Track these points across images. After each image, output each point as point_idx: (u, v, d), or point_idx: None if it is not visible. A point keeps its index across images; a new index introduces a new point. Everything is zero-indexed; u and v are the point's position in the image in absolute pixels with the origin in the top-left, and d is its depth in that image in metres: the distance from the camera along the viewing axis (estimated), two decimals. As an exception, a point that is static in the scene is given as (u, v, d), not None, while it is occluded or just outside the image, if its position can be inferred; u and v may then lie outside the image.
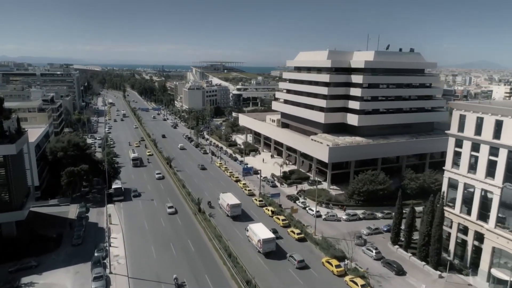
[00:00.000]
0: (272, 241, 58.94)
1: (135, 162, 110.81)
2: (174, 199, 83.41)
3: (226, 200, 74.91)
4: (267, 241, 58.11)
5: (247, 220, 72.19)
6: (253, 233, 61.30)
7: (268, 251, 58.46)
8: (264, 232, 60.09)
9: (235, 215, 73.03)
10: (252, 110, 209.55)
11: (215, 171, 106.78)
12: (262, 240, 57.96)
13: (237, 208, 73.24)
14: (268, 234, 59.74)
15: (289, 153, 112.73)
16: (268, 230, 61.31)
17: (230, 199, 75.25)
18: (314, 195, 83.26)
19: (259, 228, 61.57)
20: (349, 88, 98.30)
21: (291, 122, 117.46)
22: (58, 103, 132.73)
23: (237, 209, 73.21)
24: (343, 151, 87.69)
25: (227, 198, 75.49)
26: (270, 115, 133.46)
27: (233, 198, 75.77)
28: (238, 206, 73.59)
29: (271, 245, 58.73)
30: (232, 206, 72.86)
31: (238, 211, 73.34)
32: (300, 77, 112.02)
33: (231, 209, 72.83)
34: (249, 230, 62.88)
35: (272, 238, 59.01)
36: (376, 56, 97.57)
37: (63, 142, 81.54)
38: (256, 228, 61.58)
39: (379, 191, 78.53)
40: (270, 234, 60.01)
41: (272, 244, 58.81)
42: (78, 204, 76.92)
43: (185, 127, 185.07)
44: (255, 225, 63.58)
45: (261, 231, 60.54)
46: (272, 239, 58.86)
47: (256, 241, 59.94)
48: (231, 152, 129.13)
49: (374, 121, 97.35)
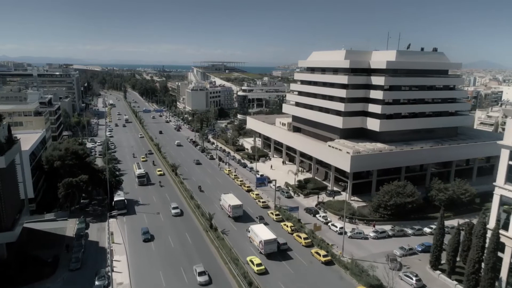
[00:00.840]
0: (274, 242, 58.60)
1: (141, 179, 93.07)
2: (183, 212, 76.31)
3: (227, 201, 74.02)
4: (268, 242, 57.91)
5: (250, 221, 71.61)
6: (254, 234, 60.97)
7: (269, 252, 58.10)
8: (266, 233, 59.72)
9: (236, 215, 72.37)
10: (257, 112, 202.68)
11: (224, 179, 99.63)
12: (264, 241, 57.73)
13: (238, 209, 72.73)
14: (270, 235, 59.29)
15: (302, 159, 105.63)
16: (269, 231, 60.73)
17: (231, 199, 74.31)
18: (335, 207, 76.50)
19: (260, 229, 61.28)
20: (368, 91, 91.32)
21: (303, 126, 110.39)
22: (56, 105, 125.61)
23: (238, 210, 72.76)
24: (366, 159, 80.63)
25: (229, 199, 74.53)
26: (280, 118, 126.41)
27: (234, 199, 74.76)
28: (240, 207, 73.01)
29: (273, 246, 58.50)
30: (233, 207, 72.18)
31: (239, 212, 72.91)
32: (314, 78, 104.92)
33: (232, 210, 72.16)
34: (251, 231, 62.63)
35: (273, 239, 58.61)
36: (398, 56, 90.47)
37: (61, 150, 74.48)
38: (257, 229, 61.23)
39: (408, 204, 71.45)
40: (272, 235, 59.48)
41: (273, 245, 58.53)
42: (77, 219, 69.87)
43: (188, 130, 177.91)
44: (257, 226, 63.41)
45: (262, 232, 60.16)
46: (273, 240, 58.51)
47: (257, 242, 59.62)
48: (239, 157, 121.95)
49: (396, 126, 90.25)
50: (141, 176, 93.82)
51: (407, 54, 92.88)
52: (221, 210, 76.72)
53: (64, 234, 64.04)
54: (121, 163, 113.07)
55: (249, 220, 72.58)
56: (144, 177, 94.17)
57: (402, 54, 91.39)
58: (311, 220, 72.74)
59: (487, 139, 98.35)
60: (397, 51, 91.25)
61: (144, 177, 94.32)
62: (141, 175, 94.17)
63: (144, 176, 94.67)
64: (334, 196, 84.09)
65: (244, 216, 73.56)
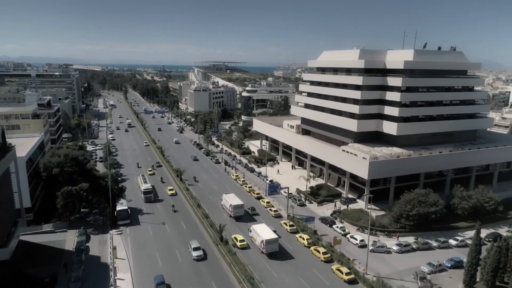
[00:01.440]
0: (275, 242, 58.77)
1: (148, 196, 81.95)
2: (191, 225, 71.62)
3: (229, 200, 74.47)
4: (270, 242, 58.12)
5: (251, 221, 72.00)
6: (256, 234, 61.03)
7: (271, 251, 58.35)
8: (267, 233, 59.99)
9: (238, 215, 73.02)
10: (261, 113, 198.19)
11: (231, 184, 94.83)
12: (265, 241, 57.97)
13: (240, 209, 73.30)
14: (271, 235, 59.56)
15: (313, 164, 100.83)
16: (271, 231, 61.06)
17: (233, 199, 74.72)
18: (352, 217, 71.75)
19: (262, 229, 61.52)
20: (384, 92, 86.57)
21: (313, 129, 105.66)
22: (55, 107, 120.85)
23: (240, 210, 73.31)
24: (385, 166, 75.91)
25: (230, 199, 74.97)
26: (287, 120, 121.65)
27: (236, 199, 75.32)
28: (241, 206, 73.60)
29: (274, 245, 58.60)
30: (235, 207, 72.72)
31: (241, 212, 73.49)
32: (325, 79, 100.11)
33: (234, 209, 72.72)
34: (252, 230, 62.72)
35: (275, 238, 58.83)
36: (415, 55, 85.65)
37: (59, 156, 69.66)
38: (259, 229, 61.43)
39: (431, 214, 66.68)
40: (273, 234, 59.75)
41: (275, 244, 58.69)
42: (76, 231, 65.03)
43: (192, 132, 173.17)
44: (258, 225, 63.54)
45: (264, 231, 60.45)
46: (275, 240, 58.71)
47: (259, 242, 59.78)
48: (245, 161, 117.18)
49: (414, 130, 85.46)
50: (148, 192, 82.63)
51: (425, 54, 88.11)
52: (222, 209, 77.34)
53: (63, 248, 59.20)
54: (123, 167, 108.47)
55: (250, 220, 72.61)
56: (150, 192, 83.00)
57: (419, 54, 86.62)
58: (327, 231, 68.00)
59: (508, 142, 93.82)
60: (414, 50, 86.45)
61: (151, 192, 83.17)
62: (147, 190, 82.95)
63: (151, 191, 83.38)
64: (348, 204, 79.27)
65: (245, 216, 73.87)
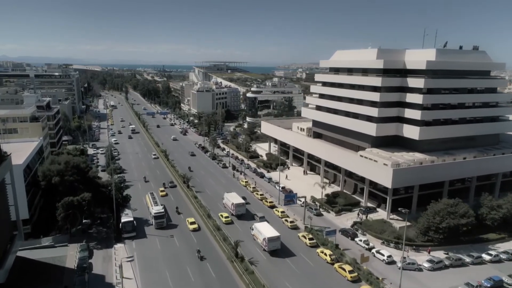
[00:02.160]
0: (277, 240, 59.46)
1: (159, 221, 67.99)
2: (202, 238, 66.57)
3: (230, 199, 75.62)
4: (272, 239, 58.86)
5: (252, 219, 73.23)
6: (258, 232, 62.18)
7: (273, 249, 59.09)
8: (269, 231, 60.79)
9: (239, 214, 73.80)
10: (266, 114, 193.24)
11: (241, 191, 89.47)
12: (267, 238, 58.73)
13: (241, 207, 74.21)
14: (273, 232, 60.30)
15: (327, 169, 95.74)
16: (273, 229, 61.76)
17: (234, 198, 76.07)
18: (375, 229, 66.69)
19: (264, 227, 62.57)
20: (404, 94, 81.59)
21: (325, 132, 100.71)
22: (55, 109, 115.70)
23: (241, 208, 74.17)
24: (410, 173, 70.89)
25: (232, 198, 76.16)
26: (297, 123, 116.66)
27: (237, 198, 76.65)
28: (243, 205, 74.61)
29: (276, 243, 59.40)
30: (236, 205, 73.78)
31: (242, 210, 74.21)
32: (339, 79, 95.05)
33: (235, 208, 73.71)
34: (254, 229, 63.90)
35: (277, 236, 59.39)
36: (438, 55, 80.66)
37: (60, 163, 64.53)
38: (261, 227, 62.46)
39: (462, 226, 61.64)
40: (275, 232, 60.42)
41: (277, 242, 59.37)
42: (78, 245, 59.99)
43: (195, 134, 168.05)
44: (260, 223, 64.77)
45: (266, 229, 61.45)
46: (277, 238, 59.30)
47: (261, 240, 60.77)
48: (254, 166, 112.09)
49: (436, 134, 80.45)
50: (159, 216, 68.34)
51: (447, 54, 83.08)
52: (224, 208, 78.23)
53: (64, 266, 54.13)
54: (126, 172, 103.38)
55: (251, 218, 73.32)
56: (163, 217, 68.86)
57: (442, 53, 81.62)
58: (349, 245, 62.97)
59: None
60: (436, 49, 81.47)
61: (163, 217, 69.06)
62: (159, 214, 68.52)
63: (163, 215, 69.30)
64: (367, 214, 74.18)
65: (246, 214, 74.57)
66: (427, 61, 77.80)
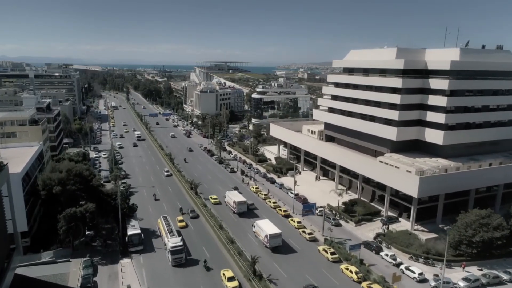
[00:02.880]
0: (279, 236, 60.23)
1: (177, 257, 54.90)
2: (215, 252, 61.89)
3: (232, 197, 76.86)
4: (273, 236, 59.61)
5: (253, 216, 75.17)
6: (260, 229, 62.67)
7: (275, 246, 59.81)
8: (271, 228, 61.37)
9: (241, 211, 74.70)
10: (271, 116, 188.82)
11: (252, 199, 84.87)
12: (269, 235, 59.46)
13: (243, 205, 75.09)
14: (275, 229, 60.93)
15: (342, 175, 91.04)
16: (274, 226, 62.21)
17: (236, 196, 77.30)
18: (401, 242, 62.01)
19: (265, 224, 62.97)
20: (425, 96, 77.00)
21: (338, 135, 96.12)
22: (55, 111, 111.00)
23: (243, 206, 75.03)
24: (437, 181, 66.21)
25: (233, 196, 77.57)
26: (307, 125, 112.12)
27: (239, 196, 77.89)
28: (244, 203, 75.52)
29: (278, 240, 60.08)
30: (238, 203, 74.68)
31: (244, 208, 75.07)
32: (354, 80, 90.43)
33: (237, 206, 74.64)
34: (256, 226, 64.39)
35: (278, 233, 60.19)
36: (462, 54, 75.85)
37: (61, 171, 59.88)
38: (262, 224, 62.95)
39: (497, 240, 56.99)
40: (277, 229, 61.03)
41: (278, 239, 60.11)
42: (82, 260, 55.40)
43: (200, 136, 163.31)
44: (262, 221, 65.06)
45: (267, 226, 61.88)
46: (278, 234, 60.09)
47: (263, 237, 61.35)
48: (263, 170, 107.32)
49: (461, 139, 75.84)
50: (177, 251, 54.75)
51: (472, 53, 78.23)
52: (226, 206, 79.17)
53: (67, 286, 49.43)
54: (130, 177, 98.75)
55: (252, 216, 74.07)
56: (181, 251, 55.29)
57: (466, 53, 76.84)
58: (373, 260, 58.29)
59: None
60: (460, 49, 76.65)
61: (182, 251, 55.42)
62: (176, 248, 54.75)
63: (182, 250, 55.47)
64: (388, 224, 69.45)
65: (247, 212, 75.65)
66: (451, 61, 73.04)
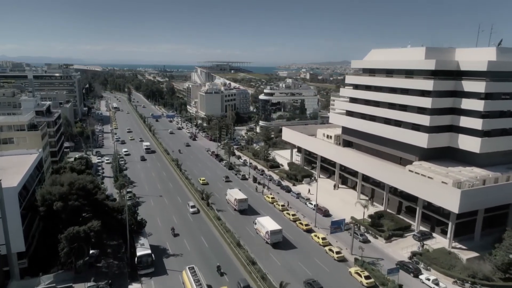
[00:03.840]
0: (279, 233, 61.54)
1: None
2: (232, 271, 55.60)
3: (233, 195, 77.88)
4: (274, 232, 61.00)
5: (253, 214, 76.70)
6: (261, 226, 64.28)
7: (275, 241, 61.15)
8: (271, 224, 62.93)
9: (242, 209, 75.83)
10: (279, 118, 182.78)
11: (268, 209, 78.73)
12: (270, 231, 60.80)
13: (244, 203, 76.35)
14: (275, 226, 62.40)
15: (364, 184, 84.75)
16: (274, 222, 63.83)
17: (237, 194, 78.18)
18: (442, 263, 55.44)
19: (266, 221, 64.68)
20: (458, 99, 70.76)
21: (358, 141, 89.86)
22: (55, 114, 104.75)
23: (244, 204, 76.33)
24: (481, 195, 59.89)
25: (234, 194, 78.38)
26: (322, 129, 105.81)
27: (239, 194, 78.64)
28: (245, 201, 76.67)
29: (278, 236, 61.46)
30: (239, 201, 75.77)
31: (245, 206, 76.37)
32: (377, 82, 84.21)
33: (238, 203, 75.67)
34: (257, 223, 65.89)
35: (279, 229, 61.55)
36: (499, 54, 69.69)
37: (62, 184, 53.49)
38: (263, 221, 64.74)
39: (551, 262, 50.79)
40: (277, 226, 62.53)
41: (279, 235, 61.50)
42: (85, 285, 49.12)
43: (206, 139, 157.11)
44: (263, 218, 66.80)
45: (268, 223, 63.54)
46: (279, 231, 61.46)
47: (264, 233, 62.75)
48: (277, 177, 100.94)
49: (500, 146, 69.51)
50: None
51: (508, 53, 72.04)
52: (227, 204, 79.99)
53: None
54: (136, 185, 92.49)
55: (253, 213, 75.08)
56: None
57: (503, 53, 70.48)
58: (412, 284, 51.91)
59: None
60: (497, 48, 70.45)
61: None
62: None
63: None
64: (423, 241, 63.07)
65: (248, 210, 76.51)
66: (488, 61, 66.75)
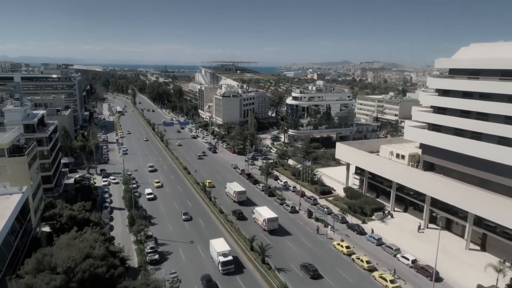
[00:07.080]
0: (276, 220, 66.11)
1: None
2: None
3: (232, 188, 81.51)
4: (271, 220, 65.73)
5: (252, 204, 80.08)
6: (258, 214, 68.42)
7: (272, 229, 65.63)
8: (268, 213, 67.34)
9: (241, 200, 79.63)
10: (308, 124, 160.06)
11: (339, 266, 56.55)
12: (267, 219, 65.53)
13: (242, 194, 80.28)
14: (272, 214, 66.87)
15: (458, 221, 62.70)
16: (271, 211, 68.14)
17: (236, 187, 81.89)
18: None
19: (263, 210, 68.53)
20: None
21: (446, 163, 68.20)
22: (51, 126, 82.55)
23: (242, 196, 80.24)
24: None
25: (234, 186, 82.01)
26: (387, 146, 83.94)
27: (238, 186, 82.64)
28: (244, 193, 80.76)
29: (275, 223, 66.00)
30: (238, 193, 79.55)
31: (243, 197, 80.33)
32: (481, 87, 62.48)
33: (237, 195, 79.49)
34: (255, 212, 70.06)
35: (275, 217, 66.05)
36: None
37: (55, 269, 31.41)
38: (261, 210, 68.62)
39: None
40: (273, 214, 66.78)
41: (275, 223, 66.02)
42: None
43: (227, 151, 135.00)
44: (260, 207, 70.27)
45: (265, 212, 67.70)
46: (275, 219, 66.02)
47: (261, 221, 67.35)
48: (337, 209, 78.06)
49: None
50: None
51: None
52: (227, 196, 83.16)
53: None
54: (154, 219, 70.77)
55: (251, 204, 78.37)
56: None
57: None
58: None
59: None
60: None
61: None
62: None
63: None
64: None
65: (247, 201, 79.25)
66: None
